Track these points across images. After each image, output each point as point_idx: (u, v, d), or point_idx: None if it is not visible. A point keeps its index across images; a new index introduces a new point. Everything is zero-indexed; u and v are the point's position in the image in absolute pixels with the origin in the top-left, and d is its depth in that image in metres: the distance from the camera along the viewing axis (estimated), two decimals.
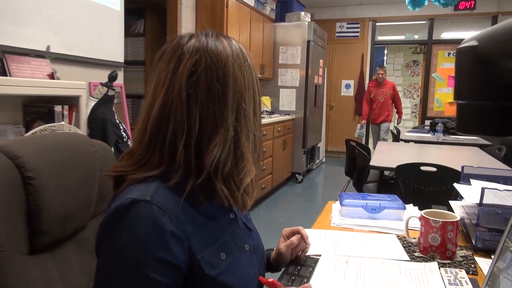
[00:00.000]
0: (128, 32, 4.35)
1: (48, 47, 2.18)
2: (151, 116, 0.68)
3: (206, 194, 0.69)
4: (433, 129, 4.67)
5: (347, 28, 7.21)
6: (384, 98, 6.27)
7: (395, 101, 6.35)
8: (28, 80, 1.88)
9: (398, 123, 6.48)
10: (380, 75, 6.33)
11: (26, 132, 1.92)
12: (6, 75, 1.85)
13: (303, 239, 0.98)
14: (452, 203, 1.30)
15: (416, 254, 1.06)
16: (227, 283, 0.69)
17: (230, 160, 0.69)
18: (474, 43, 0.56)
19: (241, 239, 0.78)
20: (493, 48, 0.54)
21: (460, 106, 0.64)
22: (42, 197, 0.77)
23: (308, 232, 1.20)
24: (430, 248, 1.03)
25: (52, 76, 2.09)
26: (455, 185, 1.34)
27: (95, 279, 0.64)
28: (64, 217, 0.84)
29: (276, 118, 4.67)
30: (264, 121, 4.23)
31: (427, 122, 6.18)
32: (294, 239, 0.97)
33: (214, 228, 0.72)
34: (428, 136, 4.54)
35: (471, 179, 1.39)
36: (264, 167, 4.26)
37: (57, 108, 2.03)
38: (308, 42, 5.34)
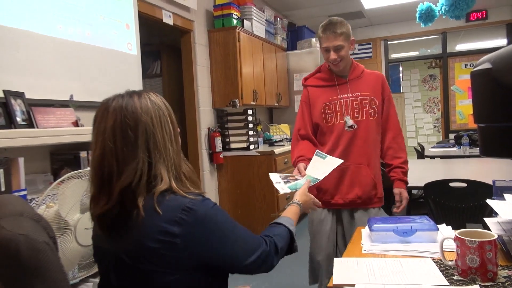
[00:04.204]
0: (146, 74, 4.50)
1: (72, 96, 2.27)
2: (94, 165, 0.97)
3: None
4: (458, 142, 4.55)
5: (359, 49, 7.25)
6: (357, 124, 1.97)
7: (389, 123, 2.04)
8: (54, 130, 1.95)
9: (395, 208, 2.01)
10: (331, 40, 1.92)
11: (54, 180, 1.97)
12: (33, 127, 1.93)
13: None
14: (488, 220, 1.25)
15: (455, 277, 1.01)
16: None
17: (143, 181, 0.94)
18: (488, 65, 0.55)
19: None
20: (508, 70, 0.53)
21: (482, 129, 0.62)
22: None
23: (340, 261, 1.18)
24: (469, 270, 0.99)
25: (76, 123, 2.17)
26: (488, 201, 1.29)
27: (220, 244, 0.97)
28: None
29: None
30: (284, 148, 4.23)
31: (451, 136, 6.03)
32: None
33: None
34: (454, 150, 4.43)
35: (504, 194, 1.34)
36: (288, 195, 4.22)
37: (83, 154, 2.09)
38: None
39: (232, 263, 1.01)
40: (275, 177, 1.70)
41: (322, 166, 1.75)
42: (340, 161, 1.73)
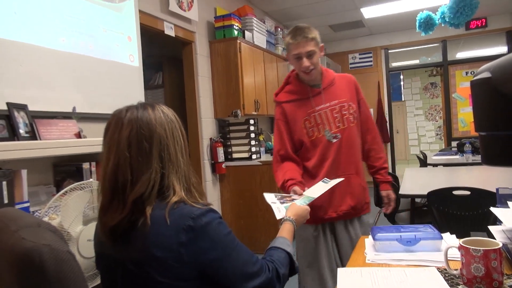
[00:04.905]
0: (148, 85, 4.53)
1: (74, 108, 2.28)
2: (108, 174, 0.97)
3: None
4: (461, 150, 4.55)
5: (360, 58, 7.28)
6: (341, 133, 1.91)
7: (368, 123, 2.04)
8: (57, 142, 1.96)
9: (388, 210, 2.07)
10: (303, 46, 1.84)
11: (57, 191, 1.98)
12: (36, 139, 1.94)
13: None
14: (492, 228, 1.24)
15: (460, 287, 1.00)
16: None
17: (155, 191, 0.95)
18: (488, 75, 0.55)
19: None
20: (507, 79, 0.53)
21: (482, 137, 0.62)
22: None
23: (343, 271, 1.17)
24: (474, 280, 0.98)
25: (79, 135, 2.18)
26: (492, 209, 1.28)
27: (221, 258, 0.95)
28: None
29: None
30: None
31: (454, 144, 6.02)
32: None
33: None
34: (456, 158, 4.42)
35: (508, 201, 1.33)
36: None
37: (85, 166, 2.10)
38: None
39: (232, 282, 0.98)
40: (270, 197, 1.56)
41: (323, 189, 1.68)
42: (341, 179, 1.75)
